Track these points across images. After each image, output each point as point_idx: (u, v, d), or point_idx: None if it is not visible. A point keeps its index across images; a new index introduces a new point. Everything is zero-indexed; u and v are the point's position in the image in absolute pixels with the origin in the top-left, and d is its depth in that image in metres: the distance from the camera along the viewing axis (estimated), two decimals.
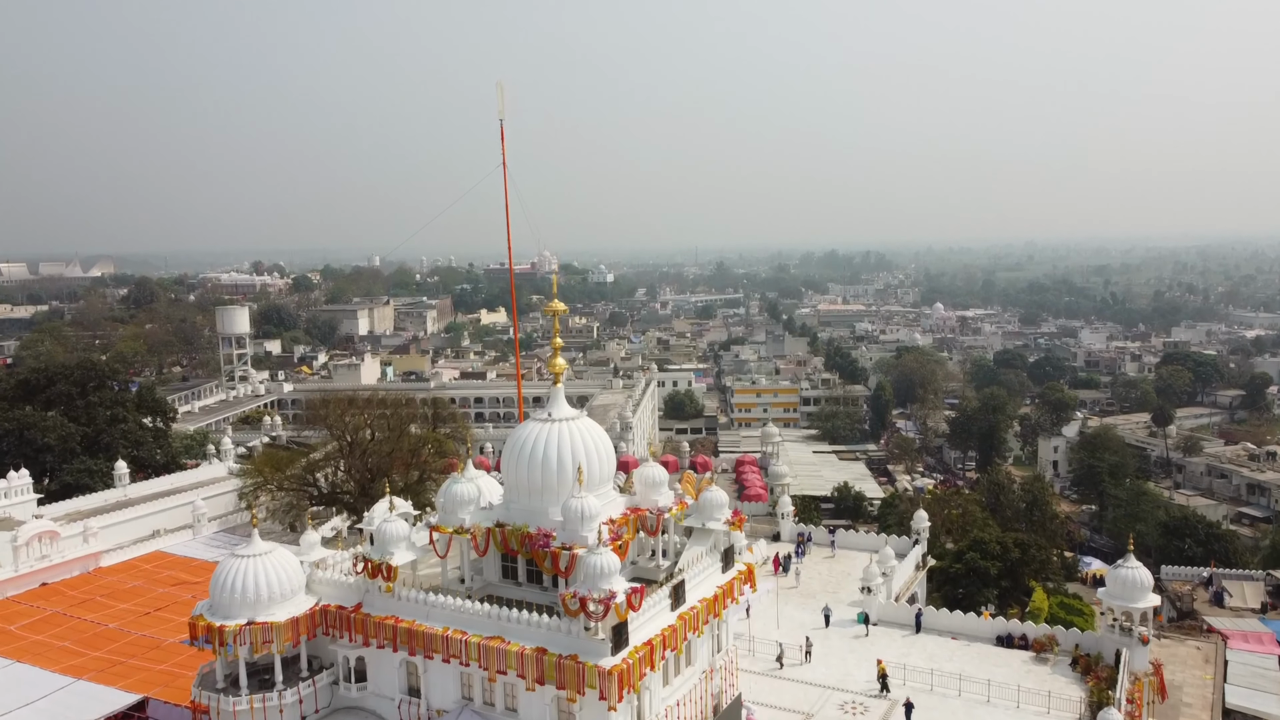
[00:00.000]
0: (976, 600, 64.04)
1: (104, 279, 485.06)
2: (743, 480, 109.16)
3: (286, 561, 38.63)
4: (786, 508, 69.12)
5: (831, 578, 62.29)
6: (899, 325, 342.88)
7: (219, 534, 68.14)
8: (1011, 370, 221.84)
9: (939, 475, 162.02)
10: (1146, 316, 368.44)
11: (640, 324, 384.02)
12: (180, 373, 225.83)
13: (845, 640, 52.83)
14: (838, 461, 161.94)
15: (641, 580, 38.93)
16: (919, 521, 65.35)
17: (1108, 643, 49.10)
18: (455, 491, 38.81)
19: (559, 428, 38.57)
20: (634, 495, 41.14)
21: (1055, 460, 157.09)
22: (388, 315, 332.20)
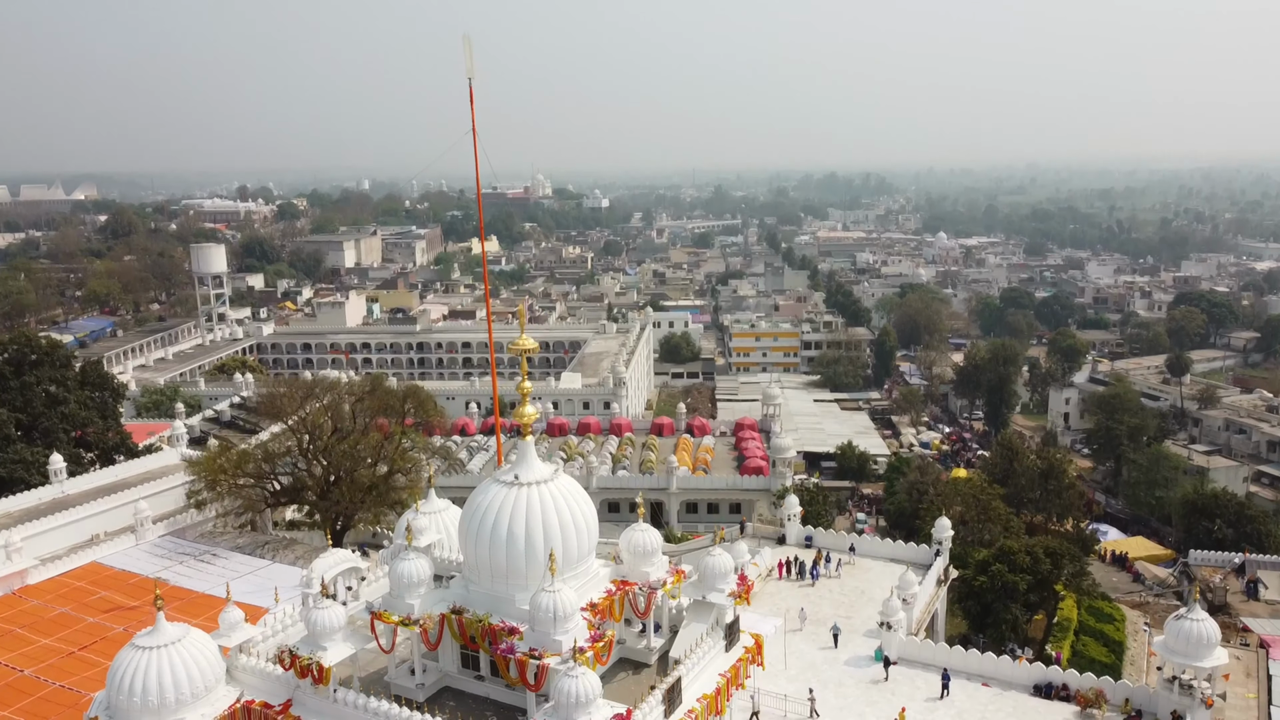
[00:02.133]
0: (1003, 619, 57.99)
1: (85, 203, 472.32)
2: (742, 449, 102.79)
3: (200, 651, 31.86)
4: (793, 508, 62.60)
5: (845, 597, 56.01)
6: (901, 256, 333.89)
7: (165, 539, 61.54)
8: (1019, 310, 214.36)
9: (945, 427, 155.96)
10: (1154, 247, 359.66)
11: (636, 254, 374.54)
12: (157, 312, 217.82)
13: (861, 686, 46.67)
14: (840, 412, 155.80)
15: (630, 663, 32.37)
16: (940, 530, 58.91)
17: (1164, 701, 42.90)
18: (402, 572, 31.91)
19: (528, 495, 31.48)
20: (621, 565, 34.20)
21: (1066, 412, 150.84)
22: (375, 247, 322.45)
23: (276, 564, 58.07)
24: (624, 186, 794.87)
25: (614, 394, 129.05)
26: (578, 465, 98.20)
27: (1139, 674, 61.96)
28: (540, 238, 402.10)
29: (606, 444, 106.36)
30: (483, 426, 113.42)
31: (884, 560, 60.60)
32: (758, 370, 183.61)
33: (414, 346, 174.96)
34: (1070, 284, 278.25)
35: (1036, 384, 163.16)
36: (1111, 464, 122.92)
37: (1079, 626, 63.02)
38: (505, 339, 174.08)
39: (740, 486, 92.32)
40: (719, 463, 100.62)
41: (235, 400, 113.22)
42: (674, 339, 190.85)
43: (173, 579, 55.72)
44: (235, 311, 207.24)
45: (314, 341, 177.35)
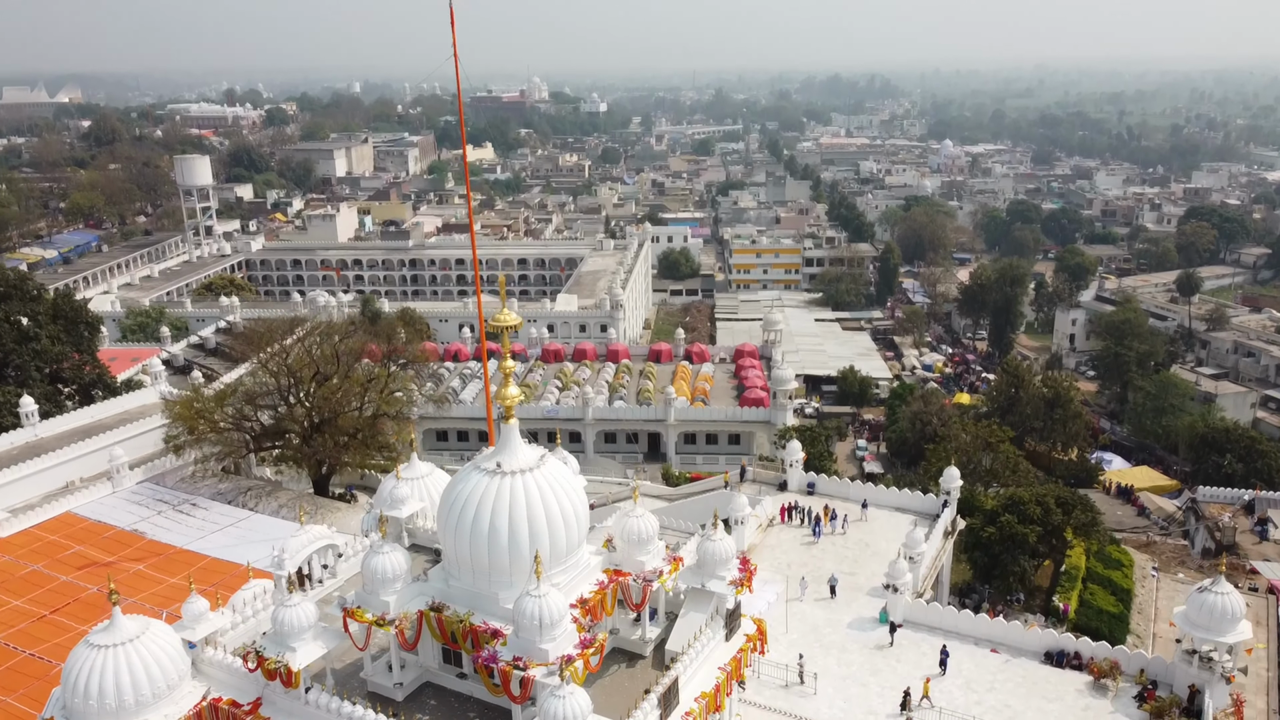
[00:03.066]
0: (1010, 570, 56.13)
1: (69, 107, 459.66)
2: (742, 378, 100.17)
3: (161, 647, 29.60)
4: (795, 454, 60.12)
5: (848, 550, 53.90)
6: (905, 165, 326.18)
7: (143, 485, 59.20)
8: (1025, 225, 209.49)
9: (947, 348, 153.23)
10: (1164, 156, 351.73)
11: (634, 162, 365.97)
12: (143, 225, 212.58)
13: (865, 652, 44.86)
14: (841, 333, 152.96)
15: (624, 653, 30.19)
16: (948, 481, 56.52)
17: (1181, 673, 41.11)
18: (375, 568, 29.35)
19: (511, 486, 28.72)
20: (614, 553, 31.66)
21: (1071, 334, 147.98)
22: (366, 155, 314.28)
23: (258, 514, 55.86)
24: (622, 89, 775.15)
25: (611, 317, 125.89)
26: (573, 394, 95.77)
27: (1147, 622, 60.58)
28: (536, 145, 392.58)
29: (603, 371, 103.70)
30: (476, 352, 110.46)
31: (889, 510, 58.41)
32: (758, 287, 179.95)
33: (406, 264, 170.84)
34: (1078, 195, 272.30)
35: (1042, 304, 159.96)
36: (1117, 389, 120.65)
37: (1086, 574, 61.34)
38: (498, 256, 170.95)
39: (740, 418, 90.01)
40: (718, 392, 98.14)
41: (221, 325, 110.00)
42: (673, 255, 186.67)
43: (150, 531, 53.61)
44: (224, 224, 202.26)
45: (304, 258, 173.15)
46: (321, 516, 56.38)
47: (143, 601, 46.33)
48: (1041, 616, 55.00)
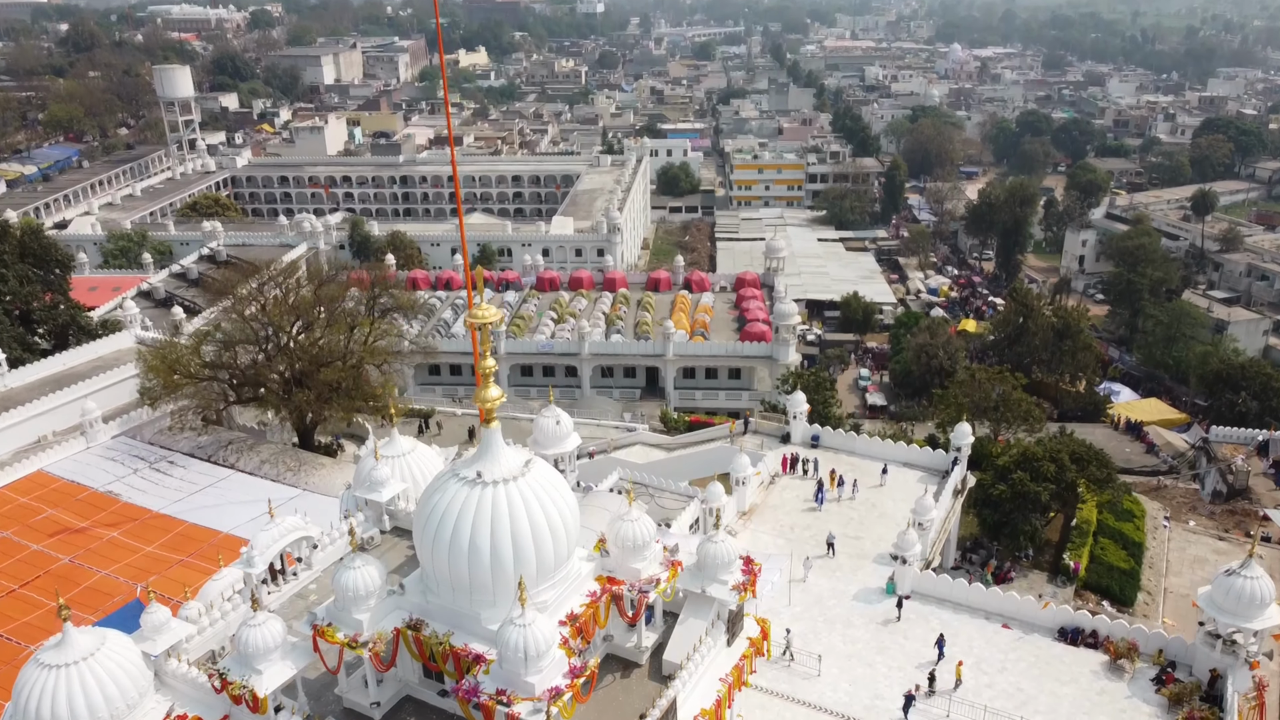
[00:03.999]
0: (1021, 530, 54.07)
1: (46, 8, 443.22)
2: (743, 309, 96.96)
3: (119, 664, 27.30)
4: (799, 406, 57.49)
5: (854, 512, 51.63)
6: (912, 71, 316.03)
7: (118, 440, 56.68)
8: (1035, 138, 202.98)
9: (953, 270, 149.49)
10: (1179, 61, 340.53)
11: (632, 67, 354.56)
12: (125, 138, 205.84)
13: (871, 628, 42.98)
14: (844, 253, 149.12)
15: (618, 661, 28.09)
16: (959, 437, 54.02)
17: (1201, 656, 39.29)
18: (346, 584, 26.86)
19: (493, 498, 26.05)
20: (607, 558, 29.23)
21: (1081, 255, 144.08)
22: (355, 61, 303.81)
23: (238, 473, 53.48)
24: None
25: (608, 241, 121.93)
26: (569, 328, 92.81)
27: (1158, 577, 59.01)
28: (531, 49, 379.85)
29: (599, 302, 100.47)
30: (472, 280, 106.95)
31: (897, 465, 56.08)
32: (760, 205, 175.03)
33: (397, 181, 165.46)
34: (1090, 103, 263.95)
35: (1051, 223, 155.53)
36: (1125, 313, 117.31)
37: (1097, 528, 59.45)
38: (492, 173, 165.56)
39: (740, 353, 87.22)
40: (718, 324, 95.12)
41: (205, 252, 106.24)
42: (672, 170, 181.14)
43: (125, 493, 51.36)
44: (209, 136, 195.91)
45: (291, 174, 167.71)
46: (305, 474, 54.23)
47: (116, 574, 44.46)
48: (1055, 578, 53.22)
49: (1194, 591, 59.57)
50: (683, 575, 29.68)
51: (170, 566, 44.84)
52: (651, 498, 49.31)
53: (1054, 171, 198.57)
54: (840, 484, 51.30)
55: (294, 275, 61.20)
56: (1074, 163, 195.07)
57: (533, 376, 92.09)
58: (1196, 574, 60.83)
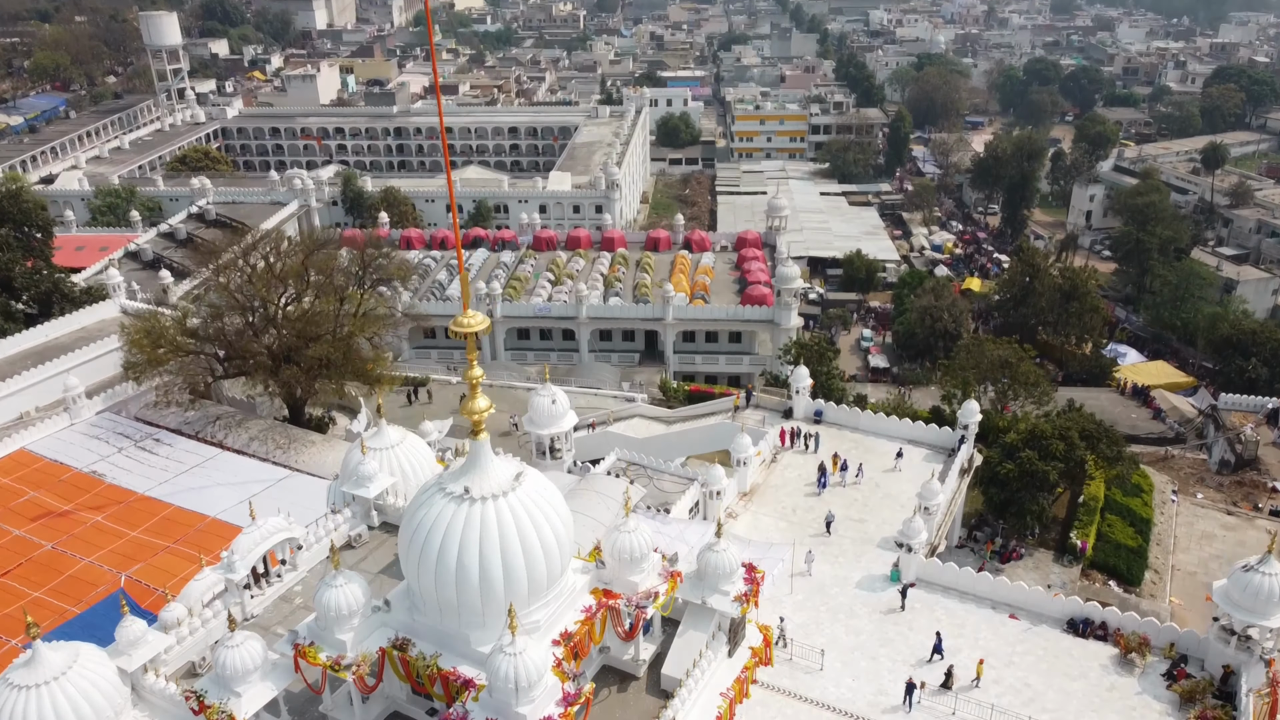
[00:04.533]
0: (1028, 509, 52.78)
1: None
2: (745, 270, 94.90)
3: (94, 681, 26.11)
4: (802, 381, 55.91)
5: (858, 494, 50.30)
6: (918, 15, 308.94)
7: (103, 417, 55.14)
8: (1043, 87, 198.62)
9: (958, 225, 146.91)
10: (1190, 4, 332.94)
11: (632, 10, 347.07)
12: (113, 86, 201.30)
13: (875, 619, 41.87)
14: (847, 208, 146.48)
15: (615, 673, 26.93)
16: (966, 415, 52.54)
17: (1215, 652, 38.21)
18: (329, 604, 25.49)
19: (482, 515, 24.58)
20: (603, 569, 27.86)
21: (1089, 210, 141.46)
22: (348, 4, 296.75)
23: (226, 452, 52.01)
24: None
25: (606, 197, 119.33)
26: (566, 290, 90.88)
27: (1165, 554, 58.03)
28: None
29: (598, 262, 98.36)
30: (465, 238, 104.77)
31: (901, 442, 54.67)
32: (761, 157, 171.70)
33: (391, 133, 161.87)
34: (1099, 50, 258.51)
35: (1059, 176, 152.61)
36: (1134, 272, 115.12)
37: (1104, 504, 58.29)
38: (488, 124, 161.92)
39: (741, 317, 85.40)
40: (719, 286, 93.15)
41: (194, 210, 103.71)
42: (672, 120, 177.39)
43: (109, 473, 49.95)
44: (199, 84, 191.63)
45: (283, 125, 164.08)
46: (294, 452, 52.81)
47: (100, 562, 43.21)
48: (1062, 556, 52.18)
49: (1202, 568, 59.06)
50: (682, 586, 28.35)
51: (155, 554, 43.59)
52: (650, 480, 48.02)
53: (1061, 121, 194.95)
54: (843, 468, 49.72)
55: (280, 244, 58.95)
56: (1082, 112, 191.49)
57: (529, 340, 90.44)
58: (1205, 550, 59.95)
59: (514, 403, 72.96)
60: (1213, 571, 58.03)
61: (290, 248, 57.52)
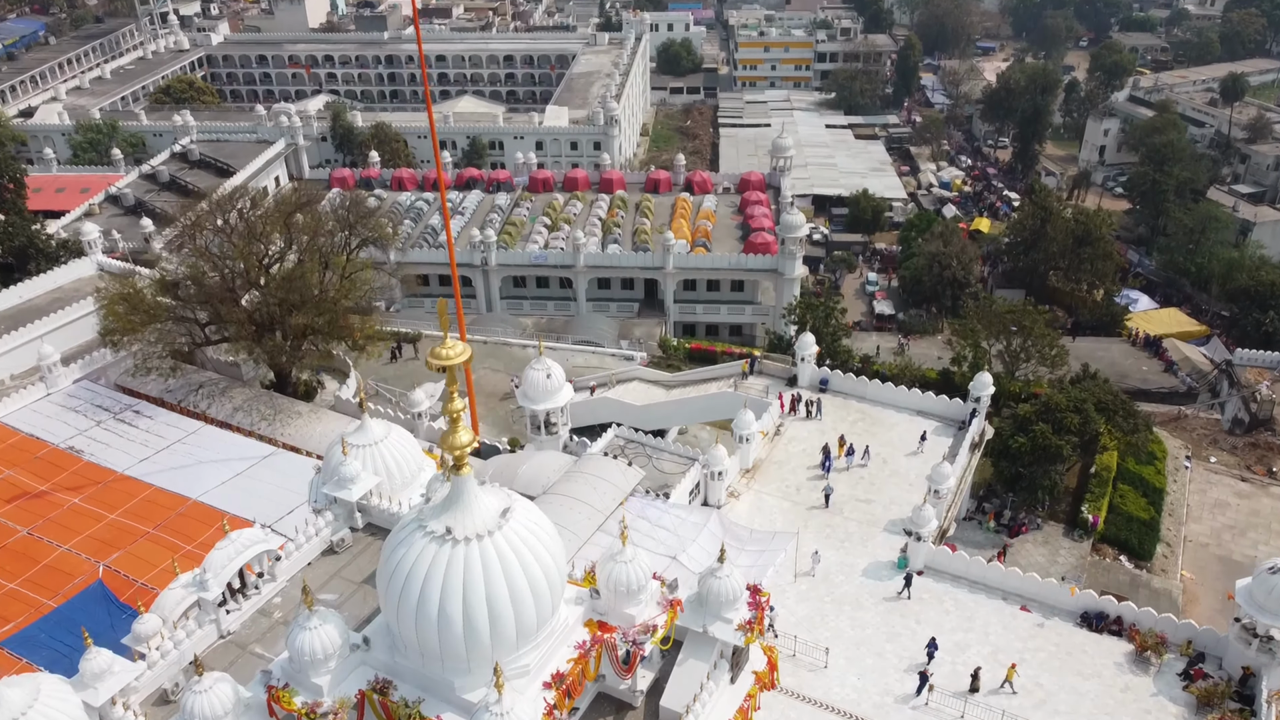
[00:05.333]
0: (1040, 484, 51.08)
1: None
2: (748, 215, 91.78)
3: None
4: (808, 349, 53.67)
5: (864, 471, 48.36)
6: None
7: (80, 385, 53.05)
8: (1056, 11, 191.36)
9: (967, 159, 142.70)
10: None
11: None
12: (94, 9, 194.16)
13: (881, 610, 40.38)
14: (854, 141, 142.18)
15: (611, 701, 25.43)
16: (979, 387, 50.41)
17: (1234, 652, 36.85)
18: (303, 647, 23.69)
19: (466, 558, 22.66)
20: (597, 599, 26.07)
21: (1102, 145, 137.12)
22: None
23: (209, 426, 50.05)
24: None
25: (605, 134, 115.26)
26: (563, 235, 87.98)
27: (1178, 525, 56.63)
28: None
29: (596, 205, 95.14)
30: (458, 179, 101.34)
31: (909, 413, 52.73)
32: (765, 86, 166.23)
33: (382, 61, 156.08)
34: None
35: (1072, 107, 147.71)
36: (1149, 213, 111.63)
37: (1117, 473, 56.64)
38: (482, 52, 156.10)
39: (744, 266, 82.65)
40: (721, 232, 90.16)
41: (176, 149, 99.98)
42: (673, 47, 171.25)
43: (87, 449, 48.11)
44: (183, 5, 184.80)
45: (270, 53, 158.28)
46: (280, 424, 50.90)
47: (77, 550, 41.66)
48: (1072, 530, 50.76)
49: (1214, 540, 57.68)
50: (683, 614, 26.60)
51: (135, 540, 41.99)
52: (649, 458, 46.14)
53: (1076, 47, 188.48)
54: (850, 452, 47.62)
55: (259, 202, 55.91)
56: (1097, 37, 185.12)
57: (525, 287, 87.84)
58: (1217, 519, 58.53)
59: (509, 360, 70.89)
60: (1225, 543, 56.91)
61: (268, 212, 54.37)
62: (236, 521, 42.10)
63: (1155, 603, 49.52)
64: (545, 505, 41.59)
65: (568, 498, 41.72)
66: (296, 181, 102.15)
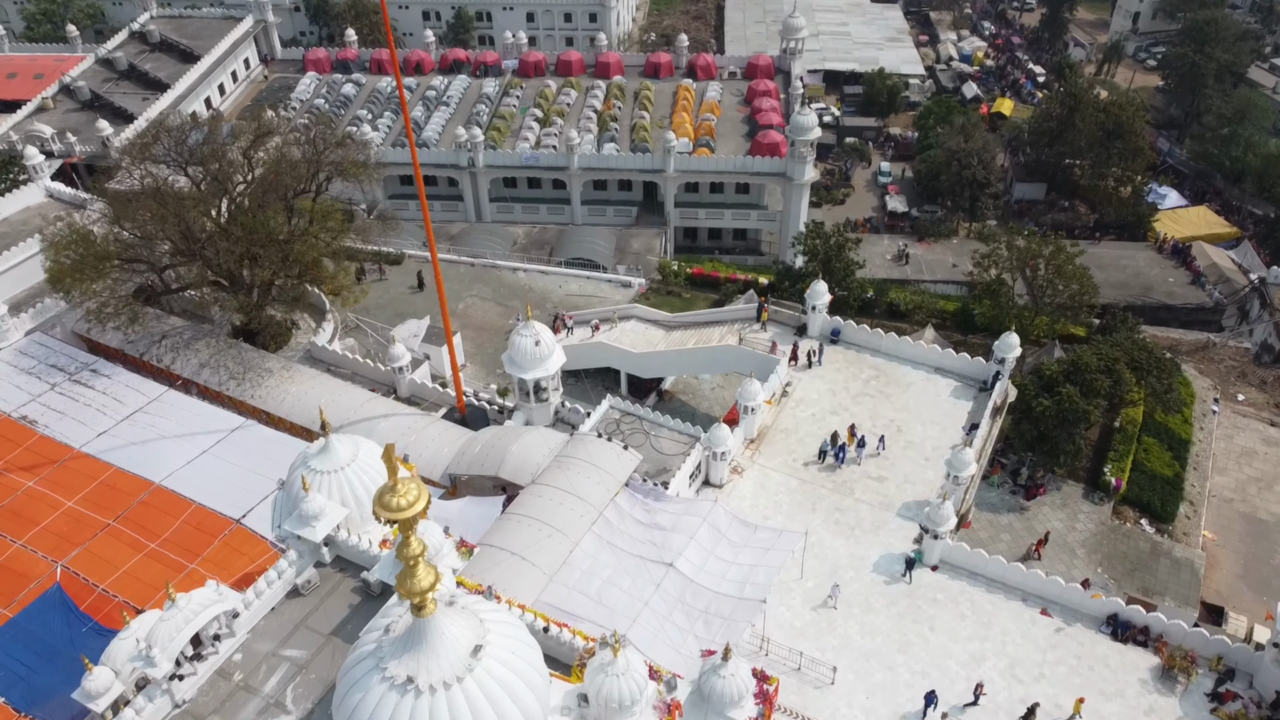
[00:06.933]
0: (1063, 449, 47.83)
1: None
2: (755, 108, 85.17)
3: None
4: (819, 298, 49.35)
5: (886, 467, 44.87)
6: None
7: (33, 340, 48.97)
8: None
9: (989, 28, 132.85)
10: None
11: None
12: None
13: (893, 614, 37.65)
14: (869, 6, 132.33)
15: None
16: (1004, 348, 46.41)
17: (1268, 674, 34.54)
18: None
19: (431, 710, 19.53)
20: (586, 708, 23.23)
21: (1137, 12, 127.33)
22: None
23: (173, 394, 46.27)
24: None
25: (602, 5, 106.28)
26: (556, 131, 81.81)
27: (1202, 481, 53.91)
28: None
29: (591, 93, 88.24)
30: (442, 62, 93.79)
31: (927, 370, 49.07)
32: None
33: None
34: None
35: None
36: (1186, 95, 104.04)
37: (1144, 424, 53.51)
38: None
39: (750, 169, 76.93)
40: (726, 127, 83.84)
41: (135, 27, 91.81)
42: None
43: (42, 419, 44.64)
44: None
45: None
46: (250, 384, 47.24)
47: (33, 546, 38.82)
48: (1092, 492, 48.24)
49: (1239, 494, 55.03)
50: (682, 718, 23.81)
51: (94, 534, 39.08)
52: (646, 436, 42.77)
53: None
54: (861, 444, 43.86)
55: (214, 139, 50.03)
56: None
57: (516, 188, 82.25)
58: (1243, 470, 55.81)
59: (498, 286, 66.60)
60: (1250, 498, 54.36)
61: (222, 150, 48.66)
62: (203, 514, 40.14)
63: (1176, 575, 47.68)
64: (535, 500, 38.81)
65: (558, 490, 38.72)
66: (267, 64, 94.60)
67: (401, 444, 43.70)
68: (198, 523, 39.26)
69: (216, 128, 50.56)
